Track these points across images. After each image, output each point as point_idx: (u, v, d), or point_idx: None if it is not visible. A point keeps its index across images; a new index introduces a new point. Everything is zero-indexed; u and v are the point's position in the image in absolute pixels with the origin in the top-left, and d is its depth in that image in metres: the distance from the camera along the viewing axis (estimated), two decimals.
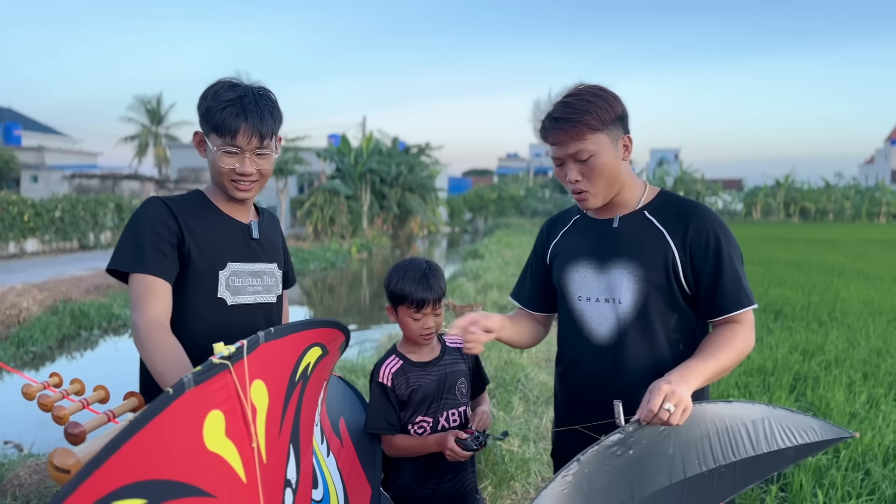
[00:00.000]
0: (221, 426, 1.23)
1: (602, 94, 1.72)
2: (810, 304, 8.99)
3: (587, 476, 1.48)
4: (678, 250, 1.73)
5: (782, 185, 48.65)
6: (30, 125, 44.71)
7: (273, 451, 1.41)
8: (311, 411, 1.68)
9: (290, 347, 1.52)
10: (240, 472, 1.27)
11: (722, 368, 1.65)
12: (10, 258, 16.71)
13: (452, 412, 2.10)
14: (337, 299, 14.37)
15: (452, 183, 50.40)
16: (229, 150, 1.74)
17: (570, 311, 1.86)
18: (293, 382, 1.52)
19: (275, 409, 1.43)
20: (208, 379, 1.20)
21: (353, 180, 26.78)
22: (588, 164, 1.71)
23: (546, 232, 2.03)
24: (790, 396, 4.80)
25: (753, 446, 1.68)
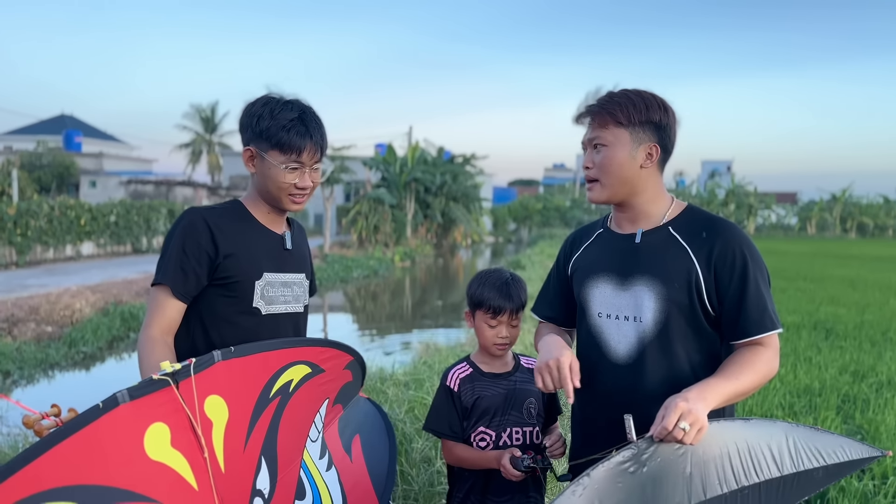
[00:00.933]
0: (166, 437, 1.32)
1: (645, 97, 1.71)
2: (864, 324, 8.66)
3: (598, 492, 1.44)
4: (702, 269, 1.67)
5: (839, 199, 47.12)
6: (90, 132, 46.44)
7: (235, 462, 1.48)
8: (298, 426, 1.71)
9: (259, 366, 1.59)
10: (190, 480, 1.35)
11: (742, 390, 1.60)
12: (66, 260, 17.35)
13: (517, 430, 2.05)
14: (379, 307, 14.47)
15: (497, 193, 50.31)
16: (293, 167, 1.81)
17: (589, 327, 1.82)
18: (266, 398, 1.59)
19: (238, 423, 1.51)
20: (147, 394, 1.30)
21: (398, 189, 26.99)
22: (601, 153, 1.72)
23: (569, 245, 2.00)
24: (837, 418, 4.62)
25: (779, 467, 1.60)
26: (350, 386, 1.95)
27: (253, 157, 1.84)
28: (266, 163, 1.82)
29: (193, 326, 1.84)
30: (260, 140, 1.81)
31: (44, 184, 30.59)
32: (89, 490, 1.17)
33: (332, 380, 1.86)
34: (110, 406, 1.24)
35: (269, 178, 1.83)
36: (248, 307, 1.84)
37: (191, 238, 1.78)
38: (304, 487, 1.72)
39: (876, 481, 3.58)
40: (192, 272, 1.77)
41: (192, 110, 47.53)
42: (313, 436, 1.79)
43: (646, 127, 1.69)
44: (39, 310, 9.69)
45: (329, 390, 1.86)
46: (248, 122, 1.83)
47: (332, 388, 1.88)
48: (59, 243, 17.30)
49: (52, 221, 16.84)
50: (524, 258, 19.62)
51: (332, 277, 17.04)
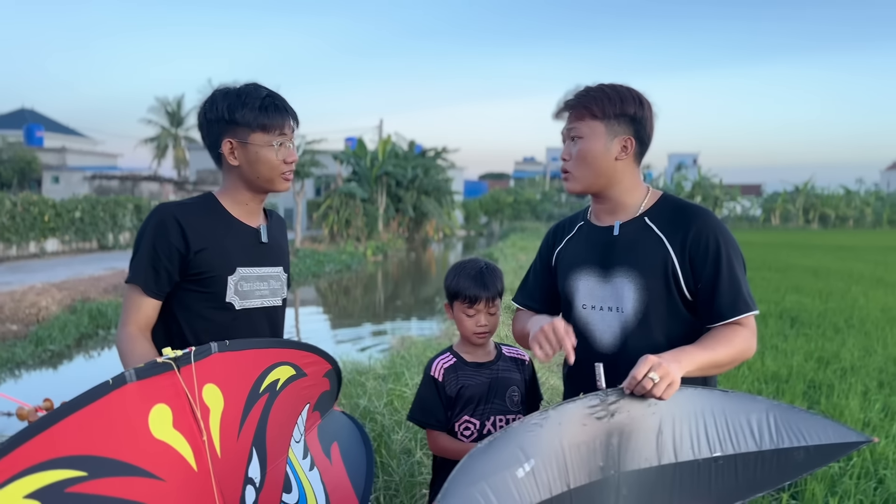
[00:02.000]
0: (168, 419, 1.39)
1: (621, 90, 1.75)
2: (827, 311, 8.90)
3: (560, 428, 1.44)
4: (677, 256, 1.72)
5: (801, 190, 48.17)
6: (52, 126, 45.36)
7: (230, 448, 1.54)
8: (284, 424, 1.75)
9: (250, 361, 1.66)
10: (190, 461, 1.41)
11: (717, 361, 1.63)
12: (30, 258, 16.96)
13: (500, 418, 2.07)
14: (352, 301, 14.43)
15: (468, 186, 50.40)
16: (280, 142, 1.84)
17: (575, 319, 1.85)
18: (256, 394, 1.65)
19: (232, 412, 1.56)
20: (151, 376, 1.36)
21: (370, 183, 26.88)
22: (577, 145, 1.77)
23: (552, 237, 2.04)
24: (803, 404, 4.76)
25: (757, 442, 1.60)
26: (327, 395, 1.99)
27: (233, 149, 1.83)
28: (251, 148, 1.82)
29: (169, 322, 1.85)
30: (238, 128, 1.81)
31: (4, 180, 29.85)
32: (98, 461, 1.22)
33: (312, 385, 1.89)
34: (119, 383, 1.29)
35: (259, 162, 1.84)
36: (222, 303, 1.84)
37: (161, 236, 1.78)
38: (291, 482, 1.76)
39: (842, 463, 3.70)
40: (163, 270, 1.79)
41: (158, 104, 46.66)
42: (296, 437, 1.83)
43: (621, 120, 1.73)
44: (4, 308, 9.47)
45: (310, 395, 1.90)
46: (217, 117, 1.82)
47: (313, 393, 1.91)
48: (22, 240, 16.91)
49: (14, 218, 16.44)
50: (496, 251, 19.69)
51: (304, 272, 16.93)
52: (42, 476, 1.12)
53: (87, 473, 1.19)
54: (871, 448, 3.84)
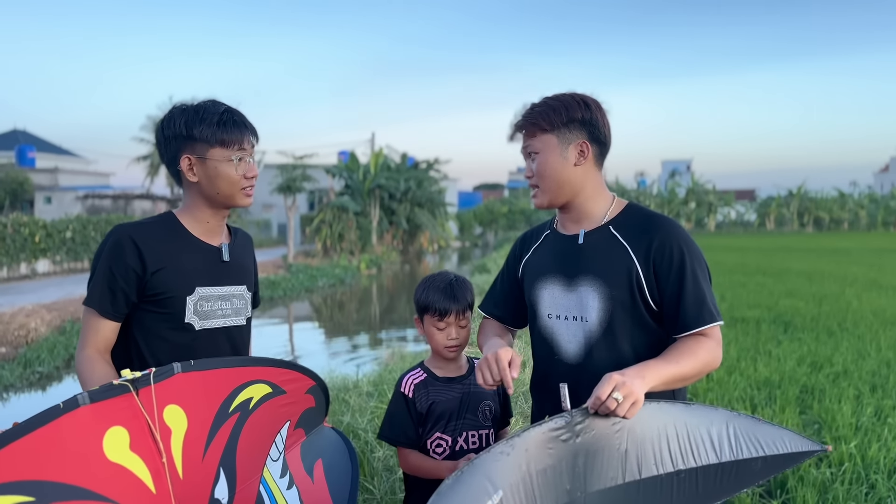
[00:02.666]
0: (125, 441, 1.37)
1: (564, 98, 1.75)
2: (821, 315, 8.87)
3: (527, 455, 1.43)
4: (641, 266, 1.70)
5: (796, 194, 48.36)
6: (44, 147, 45.30)
7: (194, 470, 1.52)
8: (257, 443, 1.72)
9: (219, 380, 1.63)
10: (149, 483, 1.39)
11: (682, 375, 1.61)
12: (21, 279, 16.86)
13: (473, 434, 2.03)
14: (346, 315, 14.36)
15: (462, 197, 50.43)
16: (239, 156, 1.81)
17: (540, 328, 1.84)
18: (225, 413, 1.62)
19: (196, 433, 1.54)
20: (107, 399, 1.34)
21: (362, 196, 26.87)
22: (535, 161, 1.78)
23: (519, 246, 2.02)
24: (795, 409, 4.71)
25: (717, 453, 1.61)
26: (312, 412, 1.94)
27: (192, 165, 1.80)
28: (210, 164, 1.79)
29: (129, 343, 1.82)
30: (196, 144, 1.78)
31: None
32: (47, 486, 1.20)
33: (293, 402, 1.85)
34: (71, 407, 1.27)
35: (218, 178, 1.81)
36: (181, 323, 1.80)
37: (117, 257, 1.75)
38: (264, 501, 1.72)
39: (833, 468, 3.65)
40: (120, 291, 1.76)
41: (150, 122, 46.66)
42: (274, 455, 1.79)
43: (570, 126, 1.73)
44: None
45: (290, 413, 1.85)
46: (175, 133, 1.79)
47: (294, 410, 1.86)
48: (12, 262, 16.81)
49: (4, 239, 16.35)
50: (490, 261, 19.67)
51: (297, 287, 16.84)
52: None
53: (35, 499, 1.17)
54: (863, 453, 3.80)
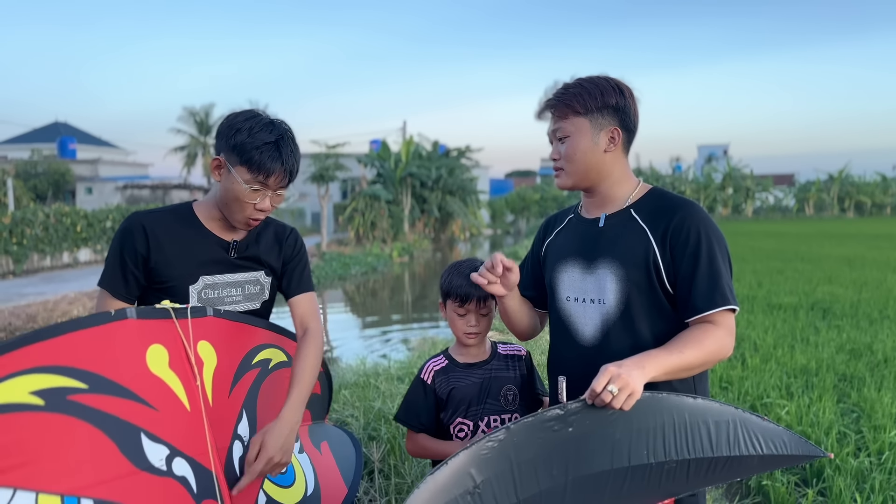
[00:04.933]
0: (165, 359, 1.43)
1: (599, 82, 1.73)
2: (861, 302, 8.66)
3: (515, 445, 1.44)
4: (658, 248, 1.69)
5: (836, 179, 47.08)
6: (84, 139, 46.33)
7: (221, 402, 1.59)
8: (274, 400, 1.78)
9: (242, 334, 1.70)
10: (184, 400, 1.47)
11: (685, 365, 1.59)
12: (63, 268, 17.33)
13: (495, 418, 2.05)
14: (378, 302, 14.47)
15: (494, 185, 50.22)
16: (256, 188, 1.77)
17: (558, 310, 1.86)
18: (248, 364, 1.70)
19: (224, 372, 1.62)
20: (149, 318, 1.44)
21: (394, 185, 26.96)
22: (565, 144, 1.76)
23: (543, 229, 2.04)
24: (833, 397, 4.62)
25: (713, 447, 1.59)
26: (316, 399, 1.98)
27: (220, 167, 1.81)
28: (231, 177, 1.78)
29: None
30: (231, 153, 1.77)
31: (40, 192, 30.52)
32: (99, 379, 1.29)
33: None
34: (120, 316, 1.37)
35: (230, 192, 1.79)
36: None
37: (127, 242, 1.83)
38: None
39: (872, 458, 3.58)
40: (130, 274, 1.83)
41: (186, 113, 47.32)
42: None
43: (604, 112, 1.72)
44: (37, 318, 9.69)
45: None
46: (225, 132, 1.79)
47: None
48: (55, 251, 17.28)
49: (47, 229, 16.81)
50: (521, 249, 19.60)
51: (330, 275, 17.02)
52: (46, 378, 1.19)
53: (88, 387, 1.25)
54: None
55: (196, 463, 1.43)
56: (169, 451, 1.35)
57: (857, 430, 4.11)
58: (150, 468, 1.30)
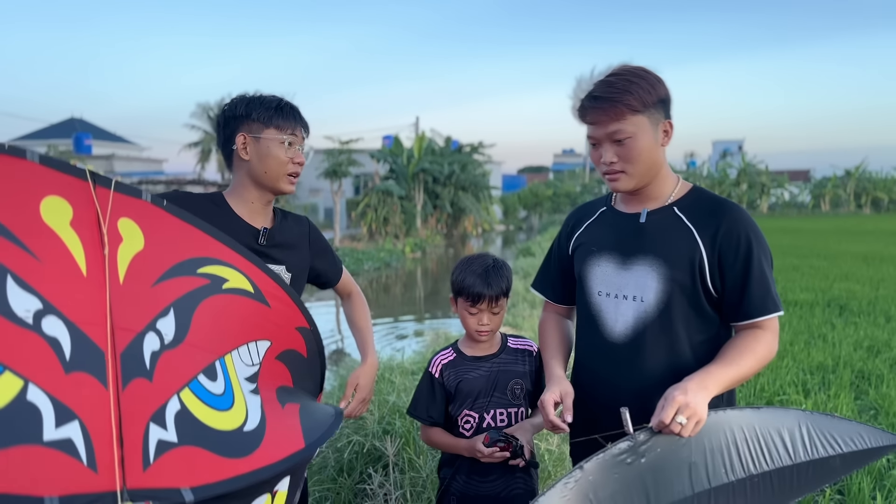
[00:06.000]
0: (67, 214, 1.27)
1: (645, 74, 1.65)
2: (878, 299, 8.57)
3: (592, 484, 1.41)
4: (707, 250, 1.65)
5: (852, 175, 46.55)
6: (100, 134, 46.63)
7: (138, 288, 1.41)
8: (224, 326, 1.60)
9: (190, 237, 1.53)
10: (80, 262, 1.28)
11: (743, 375, 1.59)
12: None
13: (501, 411, 2.06)
14: (391, 298, 14.49)
15: (507, 180, 50.13)
16: (291, 142, 1.93)
17: (587, 305, 1.82)
18: (190, 269, 1.52)
19: (152, 260, 1.44)
20: (58, 169, 1.25)
21: (407, 180, 26.96)
22: (625, 146, 1.64)
23: (571, 223, 1.97)
24: (850, 394, 4.58)
25: (791, 455, 1.55)
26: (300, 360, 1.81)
27: (246, 144, 1.91)
28: (262, 143, 1.90)
29: None
30: (253, 123, 1.90)
31: None
32: None
33: (276, 325, 1.74)
34: (17, 153, 1.19)
35: (269, 157, 1.91)
36: None
37: None
38: (217, 373, 1.58)
39: (890, 456, 3.55)
40: None
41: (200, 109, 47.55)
42: (245, 360, 1.67)
43: (657, 105, 1.65)
44: None
45: (272, 334, 1.73)
46: (235, 114, 1.93)
47: (277, 335, 1.74)
48: None
49: None
50: (534, 245, 19.55)
51: None
52: None
53: None
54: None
55: (78, 330, 1.27)
56: (42, 305, 1.19)
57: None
58: (8, 314, 1.15)
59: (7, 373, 1.13)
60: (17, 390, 1.13)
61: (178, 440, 1.39)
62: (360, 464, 3.41)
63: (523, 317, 8.00)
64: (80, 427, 1.22)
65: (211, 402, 1.51)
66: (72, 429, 1.20)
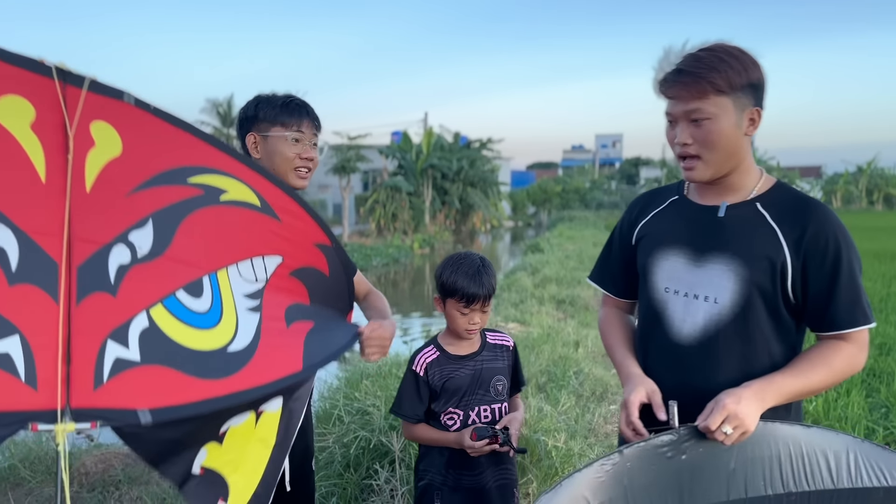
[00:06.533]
0: (28, 116, 1.18)
1: (739, 54, 1.52)
2: (890, 296, 8.50)
3: (629, 470, 1.40)
4: (791, 254, 1.53)
5: (864, 171, 46.16)
6: None
7: (108, 197, 1.32)
8: (220, 240, 1.52)
9: (182, 143, 1.41)
10: (39, 168, 1.20)
11: (811, 388, 1.52)
12: None
13: (485, 408, 2.10)
14: (400, 293, 14.49)
15: (516, 176, 50.01)
16: (297, 138, 1.97)
17: (651, 301, 1.70)
18: (180, 178, 1.42)
19: (130, 168, 1.35)
20: (19, 65, 1.14)
21: (415, 176, 26.96)
22: (703, 127, 1.52)
23: (637, 210, 1.82)
24: (861, 392, 4.53)
25: (833, 479, 1.49)
26: (319, 277, 1.70)
27: (256, 143, 1.99)
28: (270, 140, 1.97)
29: None
30: (261, 123, 1.98)
31: None
32: None
33: (289, 240, 1.63)
34: None
35: (276, 154, 1.96)
36: None
37: None
38: (204, 289, 1.50)
39: None
40: None
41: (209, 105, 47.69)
42: (248, 276, 1.58)
43: (746, 90, 1.52)
44: None
45: (284, 250, 1.63)
46: (246, 115, 2.01)
47: (290, 251, 1.64)
48: None
49: None
50: (543, 241, 19.48)
51: None
52: None
53: None
54: None
55: (28, 239, 1.21)
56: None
57: (886, 427, 4.03)
58: None
59: None
60: None
61: (141, 359, 1.33)
62: (366, 459, 3.40)
63: (531, 313, 7.97)
64: (20, 341, 1.17)
65: (189, 320, 1.44)
66: (10, 343, 1.16)
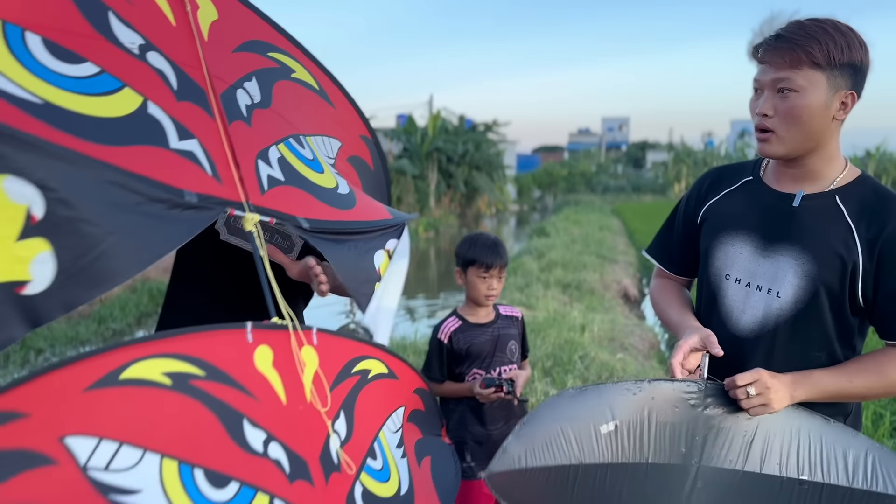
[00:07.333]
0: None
1: (846, 31, 1.44)
2: None
3: (653, 403, 1.46)
4: (864, 253, 1.46)
5: (873, 155, 45.80)
6: None
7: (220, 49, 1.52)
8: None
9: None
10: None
11: (853, 392, 1.48)
12: None
13: (505, 368, 2.43)
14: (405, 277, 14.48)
15: (521, 160, 49.80)
16: None
17: (710, 286, 1.64)
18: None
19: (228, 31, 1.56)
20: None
21: (420, 159, 26.87)
22: (788, 100, 1.44)
23: (706, 187, 1.73)
24: None
25: (849, 477, 1.47)
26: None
27: None
28: None
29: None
30: None
31: None
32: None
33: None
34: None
35: None
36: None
37: None
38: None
39: None
40: None
41: None
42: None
43: (844, 69, 1.42)
44: None
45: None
46: None
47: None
48: None
49: None
50: (549, 225, 19.42)
51: None
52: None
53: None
54: None
55: (179, 68, 1.40)
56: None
57: (894, 411, 4.01)
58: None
59: (127, 89, 1.23)
60: (137, 104, 1.24)
61: (286, 179, 1.50)
62: None
63: (537, 297, 7.95)
64: (199, 145, 1.31)
65: (305, 161, 1.62)
66: (193, 144, 1.30)
